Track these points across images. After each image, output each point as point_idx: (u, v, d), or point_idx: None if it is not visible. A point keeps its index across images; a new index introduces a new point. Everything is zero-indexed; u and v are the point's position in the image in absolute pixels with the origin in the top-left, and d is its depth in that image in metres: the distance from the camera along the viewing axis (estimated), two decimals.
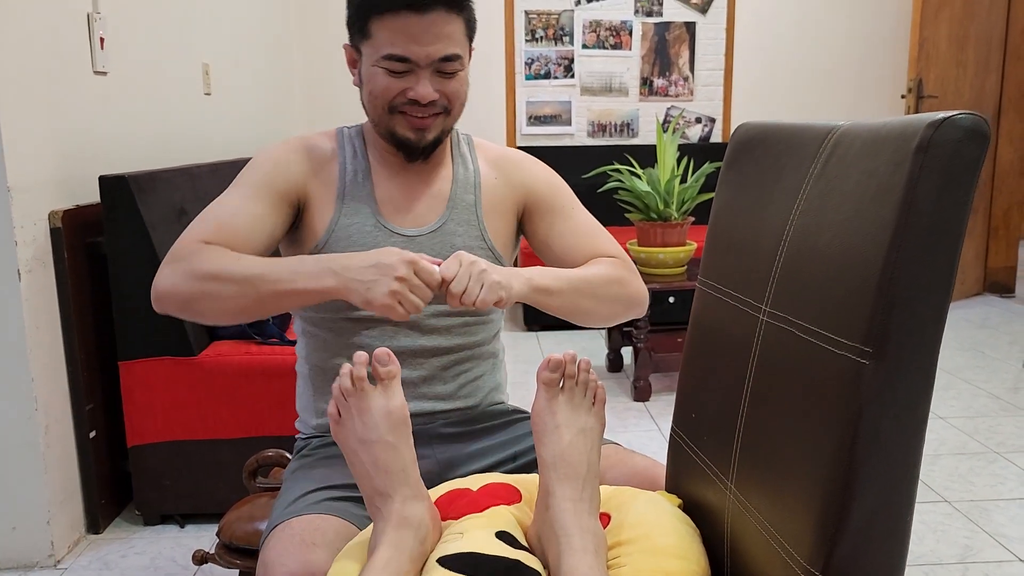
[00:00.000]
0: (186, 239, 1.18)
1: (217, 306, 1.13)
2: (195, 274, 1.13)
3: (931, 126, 0.70)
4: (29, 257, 2.00)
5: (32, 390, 2.01)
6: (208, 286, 1.12)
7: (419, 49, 1.17)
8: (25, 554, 2.08)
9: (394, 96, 1.20)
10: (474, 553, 0.91)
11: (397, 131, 1.23)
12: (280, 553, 1.03)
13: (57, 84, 2.15)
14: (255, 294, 1.11)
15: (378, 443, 0.97)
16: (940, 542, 2.15)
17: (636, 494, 1.06)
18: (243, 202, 1.21)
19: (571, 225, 1.34)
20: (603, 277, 1.26)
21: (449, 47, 1.19)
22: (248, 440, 2.19)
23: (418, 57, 1.17)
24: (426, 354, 1.26)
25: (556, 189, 1.36)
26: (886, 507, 0.74)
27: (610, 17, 4.86)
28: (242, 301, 1.12)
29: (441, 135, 1.26)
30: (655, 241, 3.23)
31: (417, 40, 1.16)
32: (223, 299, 1.12)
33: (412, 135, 1.23)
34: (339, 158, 1.30)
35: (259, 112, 3.95)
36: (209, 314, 1.15)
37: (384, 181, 1.29)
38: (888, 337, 0.71)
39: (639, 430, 2.96)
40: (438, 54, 1.18)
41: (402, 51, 1.17)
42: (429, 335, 1.26)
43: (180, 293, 1.13)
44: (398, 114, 1.22)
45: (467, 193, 1.32)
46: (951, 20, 4.39)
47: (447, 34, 1.18)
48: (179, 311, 1.15)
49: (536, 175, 1.36)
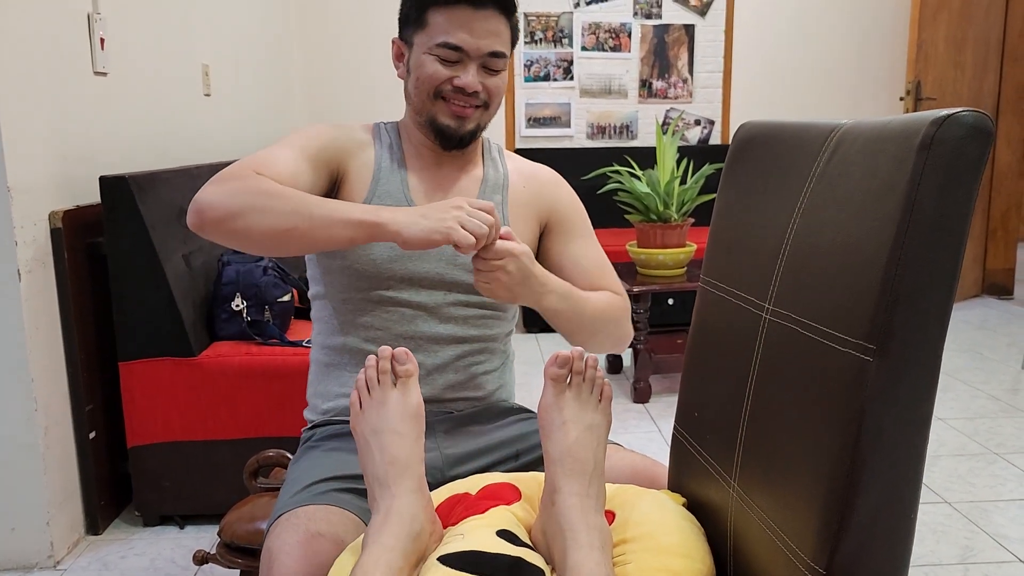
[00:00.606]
0: (235, 166, 1.18)
1: (265, 222, 1.10)
2: (248, 189, 1.12)
3: (934, 123, 0.70)
4: (29, 257, 2.00)
5: (32, 391, 2.01)
6: (261, 200, 1.11)
7: (472, 40, 1.23)
8: (25, 555, 2.08)
9: (441, 82, 1.25)
10: (476, 551, 0.91)
11: (438, 117, 1.28)
12: (285, 541, 1.04)
13: (57, 84, 2.15)
14: (307, 214, 1.10)
15: (390, 433, 0.99)
16: (940, 543, 2.15)
17: (641, 492, 1.06)
18: (289, 154, 1.23)
19: (585, 252, 1.38)
20: (604, 313, 1.32)
21: (498, 44, 1.26)
22: (248, 441, 2.19)
23: (470, 48, 1.24)
24: (442, 341, 1.28)
25: (579, 214, 1.41)
26: (890, 504, 0.74)
27: (609, 19, 4.87)
28: (293, 219, 1.10)
29: (478, 128, 1.31)
30: (655, 242, 3.23)
31: (472, 32, 1.23)
32: (274, 214, 1.11)
33: (452, 122, 1.28)
34: (375, 146, 1.34)
35: (259, 113, 3.95)
36: (253, 231, 1.11)
37: (416, 173, 1.33)
38: (891, 335, 0.71)
39: (639, 431, 2.96)
40: (488, 48, 1.25)
41: (457, 40, 1.23)
42: (446, 323, 1.29)
43: (227, 206, 1.11)
44: (441, 100, 1.27)
45: (495, 193, 1.35)
46: (949, 22, 4.40)
47: (498, 32, 1.25)
48: (218, 224, 1.12)
49: (563, 196, 1.41)
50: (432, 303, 1.28)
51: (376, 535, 0.92)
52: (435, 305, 1.28)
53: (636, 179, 3.28)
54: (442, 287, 1.28)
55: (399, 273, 1.27)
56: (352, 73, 4.71)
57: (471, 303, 1.30)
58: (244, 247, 1.15)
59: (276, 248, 1.15)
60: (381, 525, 0.93)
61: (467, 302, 1.30)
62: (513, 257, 1.15)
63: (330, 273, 1.29)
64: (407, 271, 1.27)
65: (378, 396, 1.03)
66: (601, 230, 5.02)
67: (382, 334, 1.27)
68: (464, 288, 1.29)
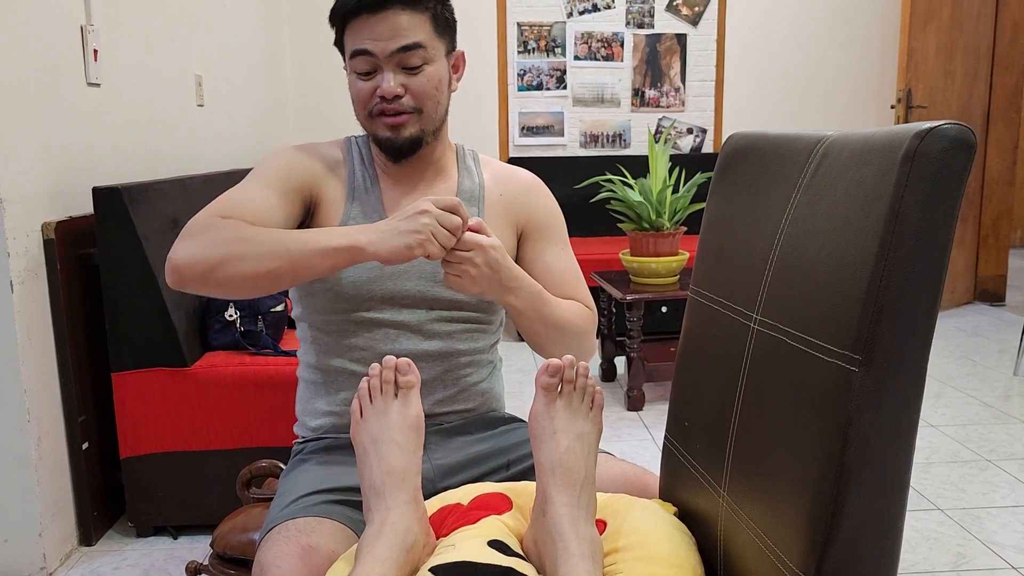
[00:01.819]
0: (202, 216, 1.18)
1: (245, 268, 1.11)
2: (221, 239, 1.13)
3: (917, 136, 0.71)
4: (22, 268, 2.00)
5: (24, 402, 2.01)
6: (237, 248, 1.12)
7: (376, 43, 1.22)
8: (17, 566, 2.07)
9: (368, 98, 1.26)
10: (467, 562, 0.92)
11: (378, 133, 1.28)
12: (276, 555, 1.03)
13: (50, 96, 2.15)
14: (285, 252, 1.12)
15: (388, 443, 1.01)
16: (933, 550, 2.16)
17: (632, 502, 1.06)
18: (258, 190, 1.24)
19: (559, 259, 1.38)
20: (572, 324, 1.32)
21: (404, 38, 1.23)
22: (241, 451, 2.19)
23: (376, 50, 1.23)
24: (427, 358, 1.28)
25: (555, 221, 1.40)
26: (877, 513, 0.75)
27: (602, 29, 4.89)
28: (271, 261, 1.12)
29: (421, 135, 1.28)
30: (647, 251, 3.24)
31: (374, 35, 1.22)
32: (252, 259, 1.12)
33: (389, 133, 1.26)
34: (348, 163, 1.34)
35: (251, 124, 3.95)
36: (236, 280, 1.12)
37: (390, 188, 1.33)
38: (877, 345, 0.71)
39: (633, 439, 2.97)
40: (394, 46, 1.23)
41: (361, 45, 1.23)
42: (431, 339, 1.28)
43: (204, 259, 1.12)
44: (376, 118, 1.27)
45: (470, 204, 1.35)
46: (939, 31, 4.43)
47: (404, 28, 1.23)
48: (199, 280, 1.13)
49: (540, 203, 1.40)
50: (415, 321, 1.28)
51: (370, 546, 0.92)
52: (418, 323, 1.28)
53: (629, 188, 3.29)
54: (423, 305, 1.29)
55: (379, 294, 1.27)
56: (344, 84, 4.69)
57: (454, 318, 1.30)
58: (229, 296, 1.17)
59: (261, 291, 1.16)
60: (376, 536, 0.93)
61: (450, 318, 1.30)
62: (481, 249, 1.15)
63: (311, 296, 1.29)
64: (387, 291, 1.27)
65: (379, 406, 1.04)
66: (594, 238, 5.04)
67: (367, 354, 1.27)
68: (446, 304, 1.29)
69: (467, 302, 1.31)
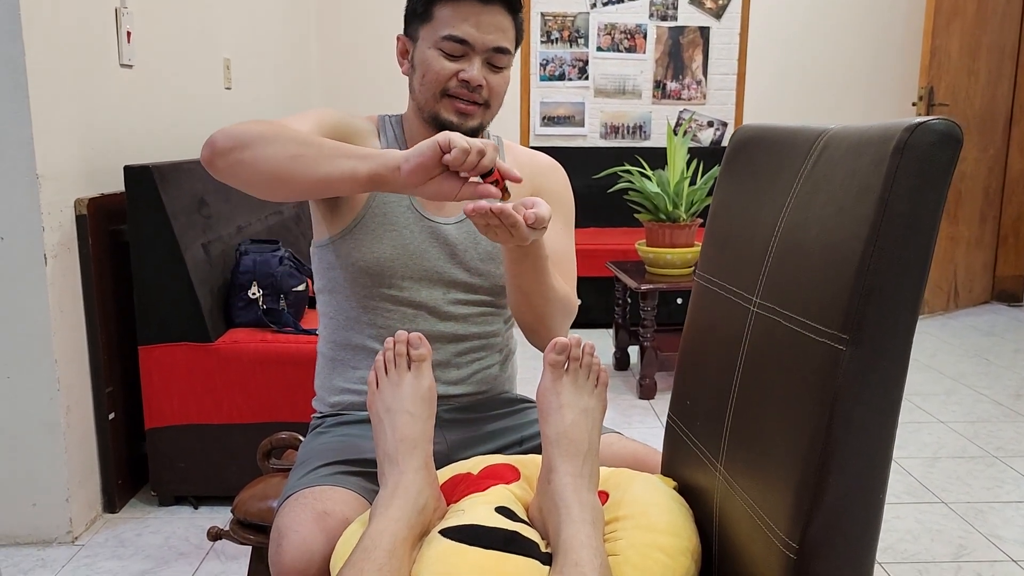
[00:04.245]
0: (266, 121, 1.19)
1: (276, 151, 1.10)
2: (261, 124, 1.13)
3: (907, 130, 0.75)
4: (55, 242, 2.07)
5: (55, 371, 2.09)
6: (274, 129, 1.12)
7: (478, 34, 1.25)
8: (44, 530, 2.15)
9: (448, 78, 1.26)
10: (475, 525, 0.97)
11: (442, 113, 1.28)
12: (293, 519, 1.09)
13: (85, 76, 2.22)
14: (317, 150, 1.11)
15: (402, 412, 1.07)
16: (935, 541, 2.19)
17: (633, 475, 1.11)
18: (303, 123, 1.24)
19: (558, 239, 1.38)
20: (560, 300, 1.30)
21: (503, 40, 1.27)
22: (262, 425, 2.25)
23: (475, 41, 1.25)
24: (442, 339, 1.32)
25: (565, 203, 1.43)
26: (859, 486, 0.79)
27: (625, 20, 4.91)
28: (304, 150, 1.10)
29: (479, 127, 1.31)
30: (663, 242, 3.28)
31: (478, 26, 1.24)
32: (285, 144, 1.10)
33: (455, 118, 1.28)
34: (380, 140, 1.36)
35: (277, 106, 4.02)
36: (261, 161, 1.10)
37: None
38: (864, 326, 0.76)
39: (644, 427, 3.01)
40: (493, 43, 1.26)
41: (462, 33, 1.24)
42: (446, 321, 1.33)
43: (238, 136, 1.11)
44: (447, 98, 1.28)
45: None
46: (963, 29, 4.42)
47: (503, 28, 1.27)
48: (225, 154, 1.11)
49: (555, 182, 1.43)
50: (432, 302, 1.32)
51: (384, 507, 0.98)
52: (435, 304, 1.32)
53: (647, 179, 3.32)
54: (441, 284, 1.32)
55: (400, 271, 1.30)
56: (368, 68, 4.78)
57: (470, 301, 1.34)
58: (247, 180, 1.13)
59: (278, 181, 1.12)
60: (389, 498, 0.99)
61: (466, 300, 1.34)
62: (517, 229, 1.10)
63: (334, 269, 1.34)
64: (407, 268, 1.31)
65: (394, 377, 1.11)
66: (611, 229, 5.06)
67: (385, 332, 1.31)
68: (463, 286, 1.33)
69: (483, 285, 1.35)
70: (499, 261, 1.35)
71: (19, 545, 2.15)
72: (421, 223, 1.32)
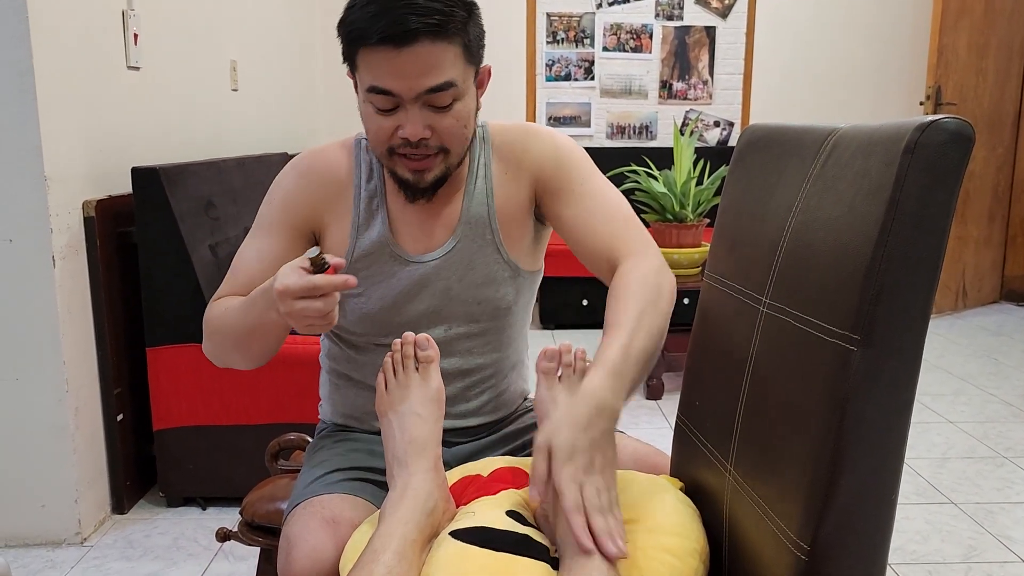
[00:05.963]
0: (211, 306, 1.26)
1: (235, 357, 1.20)
2: (207, 336, 1.23)
3: (918, 129, 0.75)
4: (63, 244, 2.08)
5: (63, 373, 2.09)
6: (216, 343, 1.22)
7: (402, 82, 1.07)
8: (53, 531, 2.16)
9: (388, 138, 1.13)
10: (485, 527, 0.97)
11: (398, 172, 1.17)
12: (302, 528, 1.08)
13: (93, 78, 2.22)
14: (235, 340, 1.17)
15: (410, 415, 1.07)
16: (945, 542, 2.18)
17: (639, 477, 1.11)
18: (260, 245, 1.24)
19: (584, 207, 1.20)
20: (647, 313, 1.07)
21: (437, 76, 1.08)
22: (269, 427, 2.26)
23: (400, 90, 1.08)
24: (448, 376, 1.23)
25: (562, 166, 1.23)
26: (871, 487, 0.79)
27: (631, 20, 4.91)
28: (243, 343, 1.16)
29: (445, 173, 1.18)
30: (670, 242, 3.27)
31: (400, 74, 1.07)
32: (231, 350, 1.19)
33: (411, 176, 1.16)
34: (354, 180, 1.24)
35: (283, 108, 4.03)
36: (240, 364, 1.22)
37: (399, 203, 1.24)
38: (875, 326, 0.75)
39: (651, 428, 3.01)
40: (423, 87, 1.08)
41: (384, 84, 1.08)
42: (448, 358, 1.25)
43: (210, 355, 1.25)
44: (397, 156, 1.15)
45: (480, 206, 1.24)
46: (971, 28, 4.40)
47: (434, 64, 1.07)
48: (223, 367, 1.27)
49: (541, 154, 1.24)
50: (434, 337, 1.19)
51: (393, 509, 0.98)
52: (436, 342, 1.19)
53: (653, 179, 3.32)
54: (440, 322, 1.25)
55: (395, 319, 1.24)
56: None
57: (472, 333, 1.26)
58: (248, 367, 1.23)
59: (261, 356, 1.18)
60: (398, 500, 0.99)
61: (467, 333, 1.26)
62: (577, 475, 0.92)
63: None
64: (402, 316, 1.24)
65: (402, 379, 1.11)
66: None
67: None
68: (462, 318, 1.25)
69: (484, 311, 1.26)
70: (497, 283, 1.25)
71: (28, 546, 2.15)
72: (407, 269, 1.23)
